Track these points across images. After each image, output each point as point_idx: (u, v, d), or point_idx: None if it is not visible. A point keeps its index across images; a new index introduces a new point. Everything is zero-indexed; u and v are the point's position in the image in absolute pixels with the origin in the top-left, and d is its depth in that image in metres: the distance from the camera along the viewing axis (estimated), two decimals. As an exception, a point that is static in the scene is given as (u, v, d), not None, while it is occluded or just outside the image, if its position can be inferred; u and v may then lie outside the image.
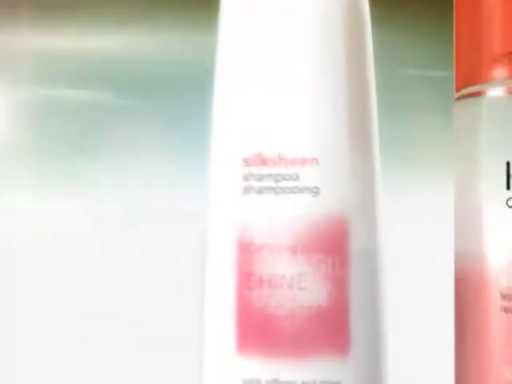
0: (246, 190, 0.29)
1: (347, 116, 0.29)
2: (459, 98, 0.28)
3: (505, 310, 0.26)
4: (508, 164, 0.27)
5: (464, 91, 0.28)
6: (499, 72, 0.26)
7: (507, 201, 0.27)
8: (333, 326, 0.29)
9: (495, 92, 0.27)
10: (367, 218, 0.30)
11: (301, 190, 0.29)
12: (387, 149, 0.31)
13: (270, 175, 0.29)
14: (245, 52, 0.30)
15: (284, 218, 0.29)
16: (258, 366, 0.29)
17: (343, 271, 0.29)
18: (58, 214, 0.50)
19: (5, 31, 0.51)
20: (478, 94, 0.27)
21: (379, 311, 0.30)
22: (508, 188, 0.27)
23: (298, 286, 0.28)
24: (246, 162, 0.29)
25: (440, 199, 0.33)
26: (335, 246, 0.29)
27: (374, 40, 0.31)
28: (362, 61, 0.30)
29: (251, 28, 0.30)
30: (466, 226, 0.28)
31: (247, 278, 0.29)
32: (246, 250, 0.29)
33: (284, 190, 0.29)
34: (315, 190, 0.29)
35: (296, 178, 0.29)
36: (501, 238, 0.27)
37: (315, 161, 0.29)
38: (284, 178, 0.29)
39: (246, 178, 0.29)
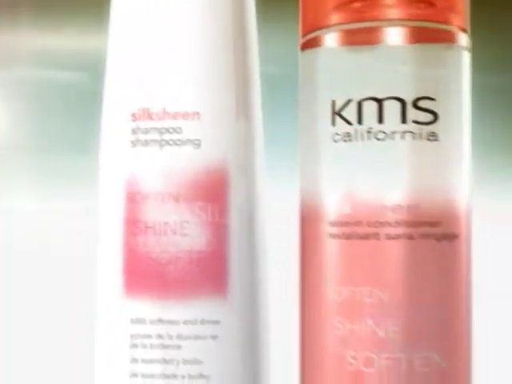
0: (134, 143, 0.33)
1: (229, 75, 0.33)
2: (301, 50, 0.33)
3: (332, 236, 0.30)
4: (333, 102, 0.31)
5: (304, 39, 0.32)
6: (335, 18, 0.30)
7: (333, 136, 0.31)
8: (212, 270, 0.32)
9: (330, 42, 0.31)
10: (247, 171, 0.34)
11: (183, 143, 0.33)
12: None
13: (155, 129, 0.33)
14: (134, 16, 0.34)
15: (167, 168, 0.33)
16: (144, 307, 0.33)
17: (222, 219, 0.33)
18: (58, 214, 0.53)
19: (5, 31, 0.55)
20: (315, 44, 0.31)
21: (257, 256, 0.34)
22: (333, 124, 0.31)
23: (180, 233, 0.32)
24: (134, 117, 0.33)
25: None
26: (215, 196, 0.33)
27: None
28: (244, 22, 0.34)
29: None
30: (305, 164, 0.32)
31: (134, 225, 0.33)
32: (133, 199, 0.33)
33: (168, 143, 0.33)
34: (196, 142, 0.33)
35: (179, 131, 0.33)
36: (330, 172, 0.31)
37: (197, 114, 0.33)
38: (168, 131, 0.33)
39: (134, 131, 0.33)
